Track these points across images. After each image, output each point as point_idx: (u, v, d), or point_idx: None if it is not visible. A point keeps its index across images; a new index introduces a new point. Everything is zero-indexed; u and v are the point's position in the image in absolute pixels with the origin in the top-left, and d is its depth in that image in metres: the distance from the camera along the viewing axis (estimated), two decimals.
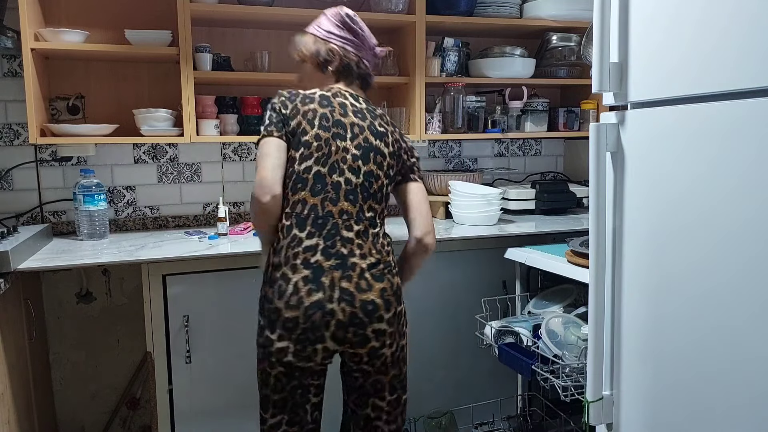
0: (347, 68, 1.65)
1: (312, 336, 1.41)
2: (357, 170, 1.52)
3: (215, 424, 2.07)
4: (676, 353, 1.18)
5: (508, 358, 1.84)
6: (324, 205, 1.48)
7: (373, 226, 1.52)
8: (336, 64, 1.64)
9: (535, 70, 2.70)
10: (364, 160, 1.53)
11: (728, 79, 1.04)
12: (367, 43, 1.70)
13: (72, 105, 2.33)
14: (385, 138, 1.58)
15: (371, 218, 1.52)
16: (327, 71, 1.65)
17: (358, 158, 1.53)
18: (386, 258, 1.52)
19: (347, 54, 1.65)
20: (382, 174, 1.56)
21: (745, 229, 1.02)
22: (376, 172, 1.54)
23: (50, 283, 2.40)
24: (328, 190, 1.49)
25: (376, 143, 1.56)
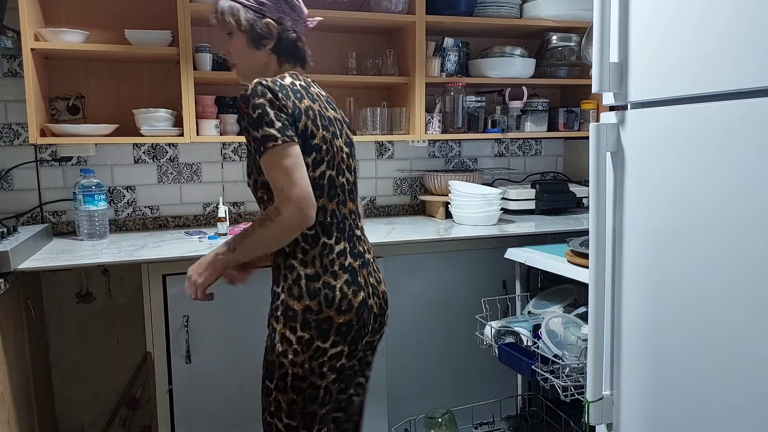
0: (289, 47, 1.50)
1: (362, 333, 1.45)
2: (350, 168, 1.51)
3: (215, 424, 2.07)
4: (676, 353, 1.18)
5: (508, 358, 1.84)
6: (339, 208, 1.45)
7: (360, 219, 1.57)
8: (274, 42, 1.46)
9: (535, 70, 2.70)
10: (352, 157, 1.54)
11: (728, 79, 1.04)
12: (303, 14, 1.53)
13: (72, 105, 2.33)
14: (348, 127, 1.58)
15: (359, 215, 1.56)
16: (261, 49, 1.47)
17: (349, 155, 1.52)
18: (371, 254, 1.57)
19: (286, 29, 1.48)
20: (357, 167, 1.58)
21: (745, 229, 1.02)
22: (357, 167, 1.57)
23: (50, 283, 2.40)
24: (338, 192, 1.46)
25: (351, 136, 1.57)
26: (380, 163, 2.83)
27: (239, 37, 1.47)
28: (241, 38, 1.47)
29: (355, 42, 2.68)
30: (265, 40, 1.46)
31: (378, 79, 2.52)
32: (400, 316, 2.25)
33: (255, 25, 1.44)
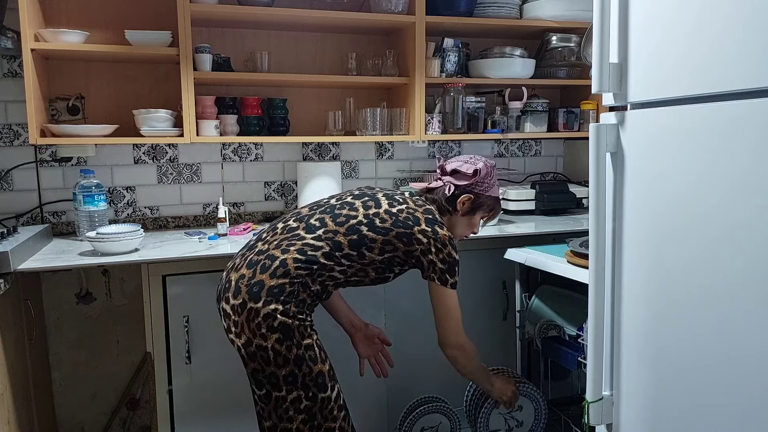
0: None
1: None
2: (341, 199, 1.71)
3: (215, 424, 2.07)
4: (676, 353, 1.18)
5: (552, 351, 1.89)
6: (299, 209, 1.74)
7: (308, 231, 1.60)
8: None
9: (535, 70, 2.70)
10: (356, 197, 1.71)
11: (727, 80, 1.04)
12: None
13: (72, 105, 2.33)
14: (394, 204, 1.69)
15: (312, 226, 1.62)
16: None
17: (352, 195, 1.73)
18: (276, 254, 1.54)
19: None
20: (362, 214, 1.65)
21: (745, 229, 1.02)
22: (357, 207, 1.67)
23: (50, 284, 2.40)
24: (312, 205, 1.74)
25: (380, 198, 1.70)
26: (380, 163, 2.83)
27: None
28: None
29: (355, 42, 2.68)
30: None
31: (378, 80, 2.52)
32: (400, 316, 2.25)
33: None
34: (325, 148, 2.74)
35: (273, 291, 1.48)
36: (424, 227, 1.60)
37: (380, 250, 1.58)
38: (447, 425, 2.14)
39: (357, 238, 1.56)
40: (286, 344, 1.48)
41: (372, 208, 1.61)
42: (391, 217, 1.59)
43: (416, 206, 1.65)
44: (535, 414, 2.02)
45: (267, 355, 1.48)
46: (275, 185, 2.69)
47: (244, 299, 1.49)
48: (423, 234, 1.59)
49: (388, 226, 1.58)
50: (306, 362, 1.50)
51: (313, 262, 1.53)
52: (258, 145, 2.65)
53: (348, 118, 2.60)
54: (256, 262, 1.53)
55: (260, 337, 1.47)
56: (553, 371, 2.23)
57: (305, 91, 2.66)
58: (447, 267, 1.61)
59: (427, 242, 1.59)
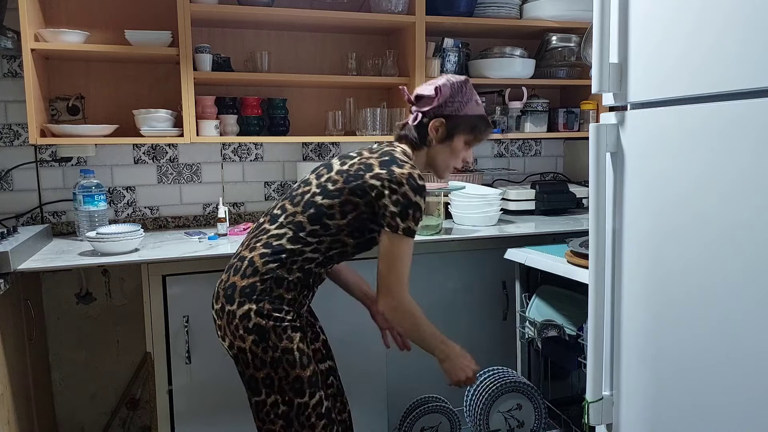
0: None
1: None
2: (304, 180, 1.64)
3: (215, 424, 2.07)
4: (676, 353, 1.18)
5: (552, 351, 1.88)
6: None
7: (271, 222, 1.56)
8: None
9: (535, 70, 2.70)
10: (311, 173, 1.65)
11: (727, 80, 1.04)
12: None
13: (72, 105, 2.33)
14: (346, 160, 1.62)
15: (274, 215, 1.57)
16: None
17: (312, 173, 1.66)
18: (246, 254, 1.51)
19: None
20: (315, 184, 1.58)
21: (745, 229, 1.02)
22: (310, 180, 1.61)
23: (50, 284, 2.40)
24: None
25: (333, 162, 1.63)
26: None
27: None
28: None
29: (354, 42, 2.68)
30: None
31: (378, 80, 2.52)
32: None
33: None
34: (325, 148, 2.74)
35: (245, 291, 1.46)
36: (376, 171, 1.47)
37: (341, 213, 1.48)
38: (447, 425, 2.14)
39: (314, 211, 1.48)
40: (261, 346, 1.45)
41: (324, 175, 1.53)
42: (341, 176, 1.49)
43: (371, 154, 1.53)
44: (535, 414, 2.02)
45: (246, 357, 1.46)
46: (275, 185, 2.69)
47: (222, 303, 1.49)
48: (376, 178, 1.46)
49: (340, 186, 1.48)
50: (282, 365, 1.45)
51: (280, 252, 1.48)
52: (258, 145, 2.65)
53: (348, 118, 2.60)
54: (231, 265, 1.53)
55: (239, 338, 1.46)
56: (553, 371, 2.23)
57: (305, 91, 2.66)
58: (400, 209, 1.44)
59: (380, 185, 1.45)
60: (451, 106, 1.58)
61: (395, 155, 1.51)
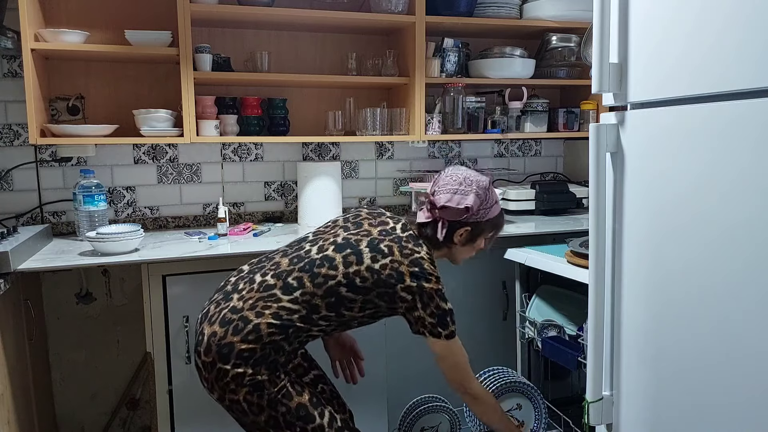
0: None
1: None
2: (323, 250, 1.57)
3: (215, 424, 2.07)
4: (676, 353, 1.18)
5: (552, 351, 1.88)
6: (275, 255, 1.62)
7: (284, 291, 1.51)
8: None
9: (535, 70, 2.70)
10: (338, 250, 1.57)
11: (727, 80, 1.04)
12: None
13: (72, 105, 2.33)
14: (378, 255, 1.55)
15: (289, 285, 1.52)
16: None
17: (335, 246, 1.58)
18: (250, 316, 1.46)
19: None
20: (342, 273, 1.52)
21: (745, 229, 1.02)
22: (337, 265, 1.55)
23: (50, 284, 2.40)
24: (291, 249, 1.62)
25: (364, 250, 1.56)
26: (380, 163, 2.83)
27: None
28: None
29: (354, 42, 2.68)
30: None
31: (378, 80, 2.52)
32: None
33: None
34: (325, 148, 2.74)
35: (243, 355, 1.42)
36: (408, 283, 1.48)
37: (360, 308, 1.50)
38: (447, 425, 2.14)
39: (335, 300, 1.47)
40: (257, 393, 1.43)
41: (353, 266, 1.48)
42: (372, 275, 1.48)
43: (403, 257, 1.50)
44: (535, 414, 2.02)
45: (241, 407, 1.44)
46: (275, 185, 2.69)
47: (214, 358, 1.44)
48: (407, 291, 1.48)
49: (369, 286, 1.48)
50: (281, 402, 1.44)
51: (288, 327, 1.45)
52: (258, 145, 2.65)
53: (348, 118, 2.60)
54: (229, 321, 1.45)
55: (230, 392, 1.43)
56: (553, 371, 2.23)
57: (305, 91, 2.66)
58: (437, 320, 1.51)
59: (411, 299, 1.49)
60: (476, 216, 1.58)
61: (424, 266, 1.51)
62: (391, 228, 1.58)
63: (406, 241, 1.54)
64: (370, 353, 2.21)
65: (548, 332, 1.94)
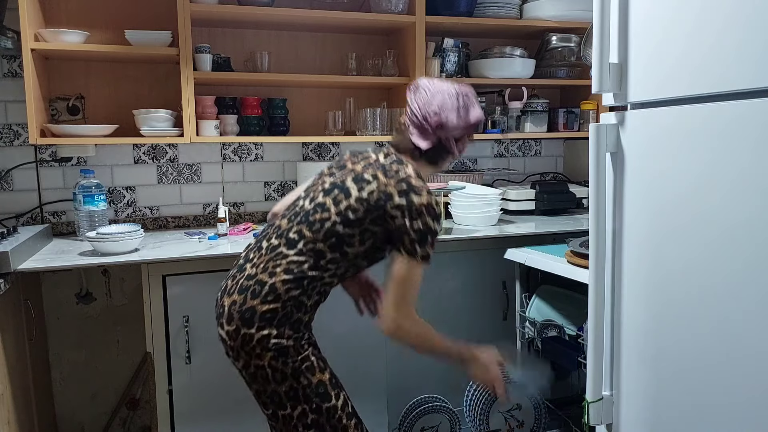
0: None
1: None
2: (314, 199, 1.56)
3: (215, 424, 2.07)
4: (676, 353, 1.18)
5: (552, 351, 1.87)
6: (276, 219, 1.62)
7: (288, 246, 1.51)
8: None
9: (535, 70, 2.70)
10: (326, 193, 1.55)
11: (727, 80, 1.04)
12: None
13: (72, 105, 2.33)
14: (363, 184, 1.52)
15: (292, 240, 1.51)
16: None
17: (323, 191, 1.56)
18: (265, 278, 1.48)
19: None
20: (335, 211, 1.51)
21: (745, 229, 1.02)
22: (328, 206, 1.52)
23: (50, 284, 2.40)
24: (289, 210, 1.61)
25: (349, 185, 1.54)
26: None
27: None
28: None
29: (354, 42, 2.68)
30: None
31: (378, 80, 2.52)
32: None
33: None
34: (325, 148, 2.74)
35: (265, 316, 1.45)
36: (397, 202, 1.47)
37: (360, 241, 1.51)
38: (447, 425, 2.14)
39: (335, 240, 1.49)
40: (281, 360, 1.45)
41: (342, 202, 1.50)
42: (362, 204, 1.49)
43: (388, 178, 1.50)
44: (535, 414, 2.02)
45: (265, 373, 1.46)
46: (275, 185, 2.69)
47: (237, 325, 1.47)
48: (396, 209, 1.47)
49: (362, 215, 1.49)
50: (304, 374, 1.47)
51: (301, 279, 1.48)
52: (258, 145, 2.65)
53: (348, 118, 2.60)
54: (247, 287, 1.49)
55: (256, 357, 1.46)
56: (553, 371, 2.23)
57: (305, 91, 2.66)
58: (419, 237, 1.46)
59: (401, 214, 1.47)
60: (453, 128, 1.58)
61: (412, 182, 1.50)
62: (374, 159, 1.59)
63: (390, 165, 1.55)
64: (370, 353, 2.21)
65: (548, 332, 1.94)
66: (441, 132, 1.57)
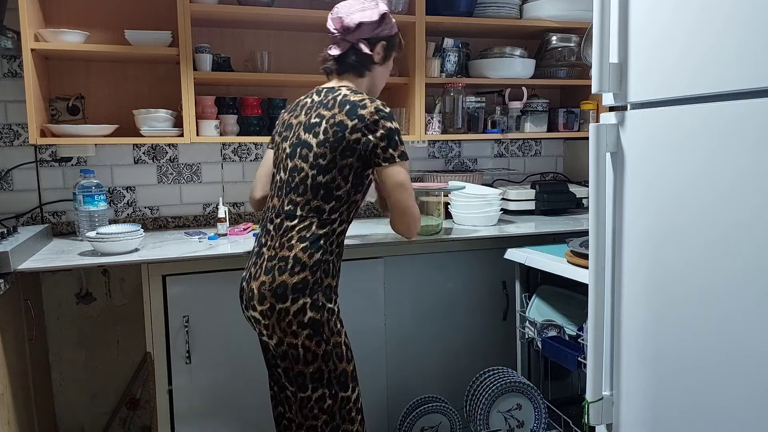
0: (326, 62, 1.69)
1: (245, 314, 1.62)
2: (285, 167, 1.61)
3: (215, 424, 2.07)
4: (676, 353, 1.18)
5: (552, 351, 1.88)
6: (270, 201, 1.67)
7: (290, 218, 1.56)
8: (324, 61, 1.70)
9: (535, 70, 2.70)
10: (291, 156, 1.60)
11: (727, 80, 1.04)
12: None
13: (72, 105, 2.33)
14: (315, 128, 1.56)
15: (289, 211, 1.57)
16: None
17: (288, 156, 1.61)
18: (285, 253, 1.53)
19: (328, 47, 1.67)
20: (307, 166, 1.55)
21: (745, 229, 1.02)
22: (300, 166, 1.57)
23: (50, 284, 2.40)
24: (272, 188, 1.66)
25: (305, 137, 1.58)
26: None
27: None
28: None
29: None
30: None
31: None
32: (400, 316, 2.25)
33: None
34: None
35: (297, 287, 1.50)
36: (350, 124, 1.51)
37: (343, 178, 1.54)
38: (447, 425, 2.14)
39: (324, 191, 1.53)
40: (315, 340, 1.50)
41: (309, 155, 1.54)
42: (325, 146, 1.52)
43: (330, 110, 1.55)
44: (534, 414, 2.02)
45: (297, 352, 1.51)
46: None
47: (271, 303, 1.51)
48: (354, 131, 1.51)
49: (330, 156, 1.52)
50: (333, 359, 1.52)
51: (317, 240, 1.53)
52: (258, 145, 2.65)
53: None
54: (273, 267, 1.53)
55: (291, 335, 1.50)
56: (553, 371, 2.23)
57: (305, 91, 2.65)
58: (387, 142, 1.52)
59: (361, 134, 1.51)
60: (389, 24, 1.65)
61: (351, 99, 1.55)
62: (311, 102, 1.64)
63: (326, 97, 1.60)
64: (370, 353, 2.21)
65: (548, 332, 1.94)
66: (350, 36, 1.61)
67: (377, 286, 2.19)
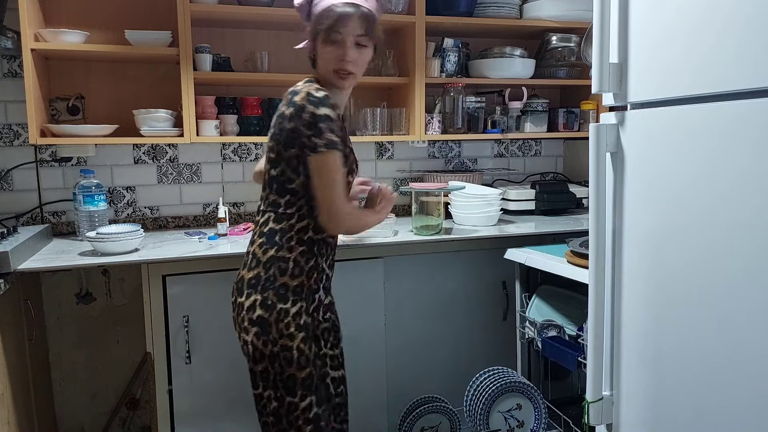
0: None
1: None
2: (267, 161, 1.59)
3: (215, 424, 2.07)
4: (676, 353, 1.18)
5: (552, 351, 1.88)
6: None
7: (258, 214, 1.59)
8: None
9: (535, 70, 2.70)
10: (265, 151, 1.60)
11: (727, 80, 1.04)
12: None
13: (72, 105, 2.33)
14: (272, 126, 1.54)
15: (259, 207, 1.60)
16: None
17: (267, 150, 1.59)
18: (249, 248, 1.56)
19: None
20: (265, 161, 1.56)
21: (744, 229, 1.02)
22: (266, 164, 1.57)
23: (50, 284, 2.40)
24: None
25: (269, 134, 1.57)
26: (380, 163, 2.83)
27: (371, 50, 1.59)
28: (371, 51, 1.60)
29: None
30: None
31: (378, 80, 2.52)
32: (400, 316, 2.25)
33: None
34: None
35: (251, 282, 1.51)
36: (287, 113, 1.46)
37: (293, 171, 1.49)
38: (447, 425, 2.14)
39: (277, 185, 1.51)
40: (262, 339, 1.48)
41: (267, 151, 1.55)
42: (274, 140, 1.51)
43: (282, 103, 1.51)
44: (534, 414, 2.02)
45: (248, 348, 1.52)
46: None
47: (235, 296, 1.55)
48: (290, 120, 1.45)
49: (277, 149, 1.50)
50: (279, 361, 1.48)
51: (272, 236, 1.51)
52: (258, 145, 2.65)
53: (348, 118, 2.60)
54: (243, 262, 1.58)
55: (243, 331, 1.51)
56: (553, 371, 2.23)
57: None
58: (312, 130, 1.42)
59: (295, 123, 1.44)
60: (313, 7, 1.54)
61: (293, 89, 1.51)
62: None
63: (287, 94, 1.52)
64: (370, 353, 2.21)
65: (548, 332, 1.94)
66: (305, 30, 1.57)
67: (377, 286, 2.19)
